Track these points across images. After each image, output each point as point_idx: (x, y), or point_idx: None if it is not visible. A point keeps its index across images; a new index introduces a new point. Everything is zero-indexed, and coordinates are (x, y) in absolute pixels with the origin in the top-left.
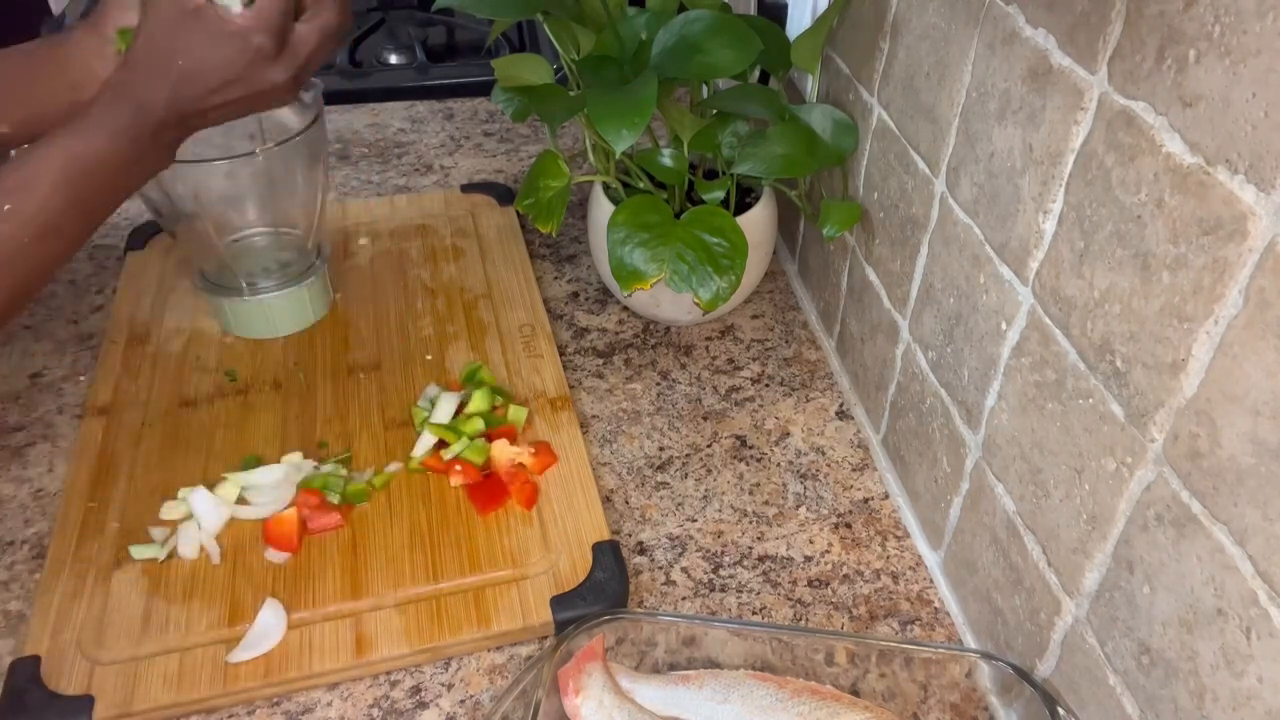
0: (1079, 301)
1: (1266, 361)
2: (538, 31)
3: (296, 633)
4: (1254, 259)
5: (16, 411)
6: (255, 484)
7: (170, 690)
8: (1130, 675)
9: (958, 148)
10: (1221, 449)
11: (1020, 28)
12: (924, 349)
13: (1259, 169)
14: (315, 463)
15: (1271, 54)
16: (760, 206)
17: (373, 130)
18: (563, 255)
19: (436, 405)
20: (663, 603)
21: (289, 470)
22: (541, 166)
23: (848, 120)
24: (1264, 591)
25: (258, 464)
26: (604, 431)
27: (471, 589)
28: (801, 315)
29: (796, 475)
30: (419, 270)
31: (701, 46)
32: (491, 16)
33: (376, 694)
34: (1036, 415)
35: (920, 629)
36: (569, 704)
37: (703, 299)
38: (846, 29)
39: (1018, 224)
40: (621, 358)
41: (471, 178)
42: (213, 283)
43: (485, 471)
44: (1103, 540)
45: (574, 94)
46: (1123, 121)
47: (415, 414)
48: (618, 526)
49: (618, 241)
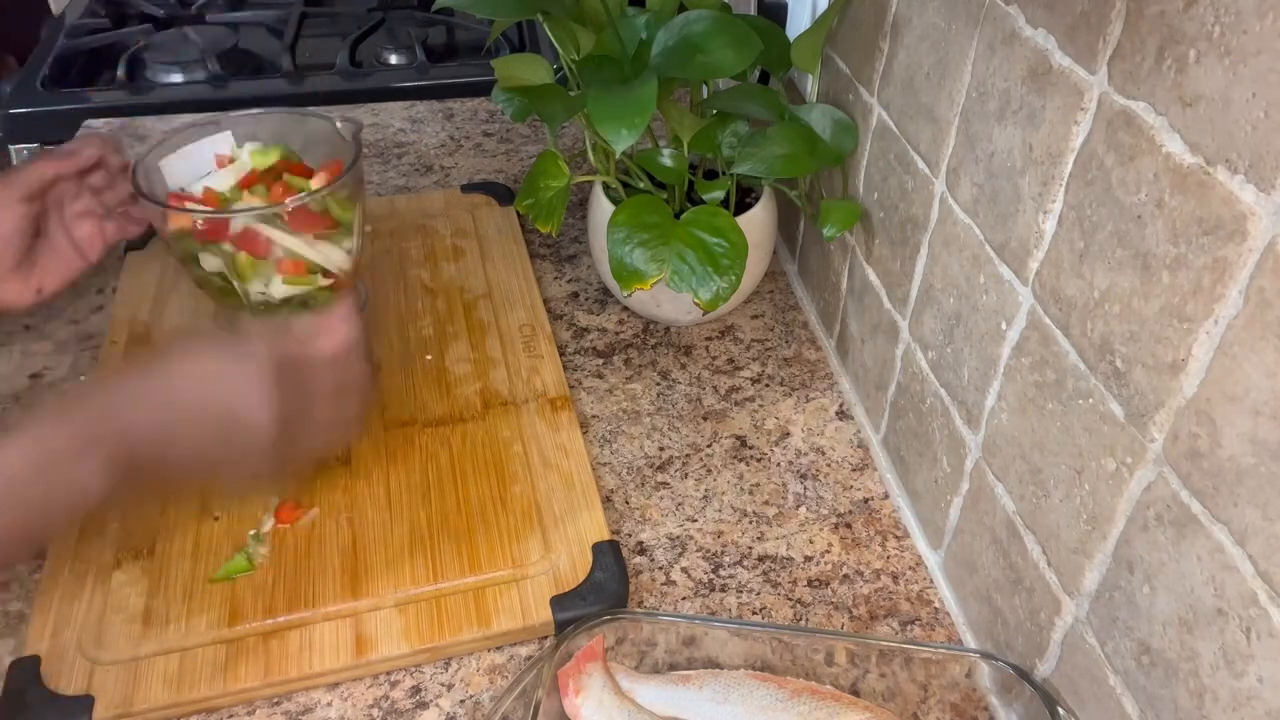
0: (1079, 301)
1: (1266, 361)
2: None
3: (297, 633)
4: (1254, 259)
5: (16, 411)
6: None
7: (170, 690)
8: (1130, 675)
9: (958, 148)
10: (1221, 449)
11: (1020, 28)
12: (924, 349)
13: (1259, 169)
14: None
15: (1271, 54)
16: (760, 206)
17: (373, 130)
18: (563, 255)
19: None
20: (663, 603)
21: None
22: (541, 166)
23: (848, 120)
24: (1264, 591)
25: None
26: (604, 431)
27: (471, 589)
28: (801, 315)
29: (796, 475)
30: (419, 270)
31: (701, 46)
32: (491, 16)
33: (376, 694)
34: (1036, 415)
35: (920, 629)
36: (569, 704)
37: (703, 299)
38: (846, 29)
39: (1018, 224)
40: (621, 358)
41: (471, 178)
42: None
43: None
44: (1103, 540)
45: (574, 94)
46: (1123, 121)
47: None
48: (618, 526)
49: (618, 241)
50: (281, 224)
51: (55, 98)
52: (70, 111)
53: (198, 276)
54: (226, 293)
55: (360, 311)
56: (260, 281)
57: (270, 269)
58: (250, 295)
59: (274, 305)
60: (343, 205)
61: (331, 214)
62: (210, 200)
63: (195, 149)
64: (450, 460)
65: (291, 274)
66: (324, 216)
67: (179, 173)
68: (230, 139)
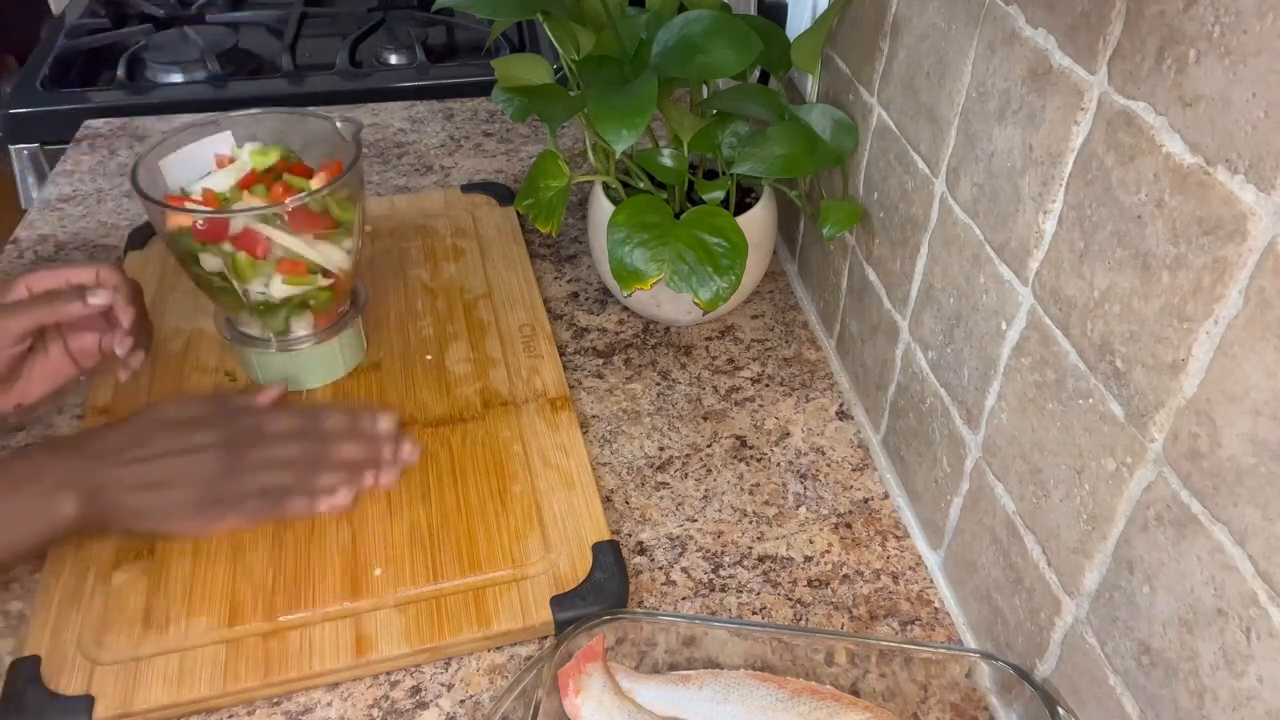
0: (1079, 301)
1: (1266, 361)
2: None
3: (296, 633)
4: (1254, 259)
5: (16, 411)
6: None
7: (170, 690)
8: (1130, 675)
9: (958, 148)
10: (1221, 449)
11: (1020, 28)
12: (924, 349)
13: (1259, 169)
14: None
15: (1271, 54)
16: (760, 206)
17: (373, 130)
18: (563, 255)
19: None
20: (663, 603)
21: None
22: (541, 166)
23: (848, 120)
24: (1264, 591)
25: None
26: (604, 431)
27: (471, 589)
28: (801, 315)
29: (796, 475)
30: (419, 270)
31: (701, 46)
32: (491, 16)
33: (376, 694)
34: (1036, 415)
35: (920, 629)
36: (569, 704)
37: (703, 299)
38: (846, 29)
39: (1018, 224)
40: (621, 358)
41: (471, 178)
42: (240, 332)
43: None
44: (1103, 540)
45: (574, 94)
46: (1123, 121)
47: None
48: (618, 526)
49: (618, 241)
50: (281, 224)
51: (55, 98)
52: (70, 111)
53: (198, 276)
54: (226, 293)
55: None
56: (260, 281)
57: (270, 269)
58: (250, 295)
59: (274, 305)
60: (343, 205)
61: (331, 214)
62: (210, 200)
63: (195, 149)
64: (450, 460)
65: (291, 274)
66: (324, 216)
67: (179, 173)
68: (230, 139)
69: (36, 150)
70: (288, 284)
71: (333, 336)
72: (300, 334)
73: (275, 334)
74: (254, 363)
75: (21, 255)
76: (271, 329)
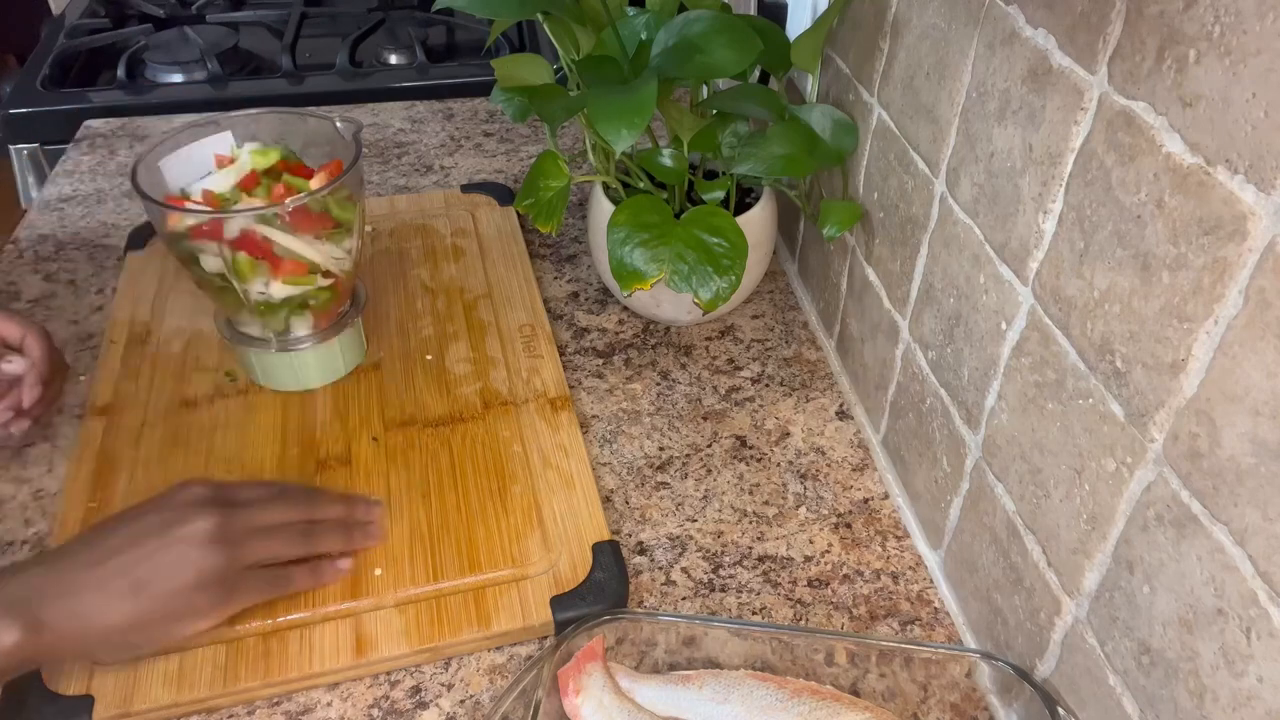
0: (1079, 301)
1: (1266, 361)
2: (538, 31)
3: (297, 633)
4: (1254, 259)
5: None
6: None
7: (170, 690)
8: (1130, 675)
9: (958, 148)
10: (1221, 449)
11: (1020, 28)
12: (924, 349)
13: (1259, 169)
14: None
15: (1271, 54)
16: (760, 206)
17: (373, 130)
18: (563, 255)
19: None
20: (663, 603)
21: None
22: (541, 166)
23: (848, 120)
24: (1264, 591)
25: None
26: (604, 431)
27: (471, 589)
28: (801, 315)
29: (796, 475)
30: (419, 270)
31: (701, 46)
32: (491, 16)
33: (376, 694)
34: (1036, 415)
35: (920, 629)
36: (569, 704)
37: (703, 299)
38: (846, 29)
39: (1018, 224)
40: (621, 358)
41: (471, 178)
42: (240, 332)
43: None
44: (1103, 540)
45: (574, 94)
46: (1123, 121)
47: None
48: (618, 526)
49: (618, 241)
50: (281, 224)
51: (55, 98)
52: (70, 111)
53: (198, 277)
54: (226, 293)
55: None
56: (260, 281)
57: (270, 269)
58: (250, 295)
59: (274, 305)
60: (343, 205)
61: (331, 214)
62: (210, 201)
63: (195, 149)
64: (450, 460)
65: (291, 274)
66: (324, 216)
67: (179, 173)
68: (230, 139)
69: (36, 150)
70: (288, 284)
71: (333, 336)
72: (300, 334)
73: (275, 334)
74: (254, 363)
75: (21, 255)
76: (271, 329)
